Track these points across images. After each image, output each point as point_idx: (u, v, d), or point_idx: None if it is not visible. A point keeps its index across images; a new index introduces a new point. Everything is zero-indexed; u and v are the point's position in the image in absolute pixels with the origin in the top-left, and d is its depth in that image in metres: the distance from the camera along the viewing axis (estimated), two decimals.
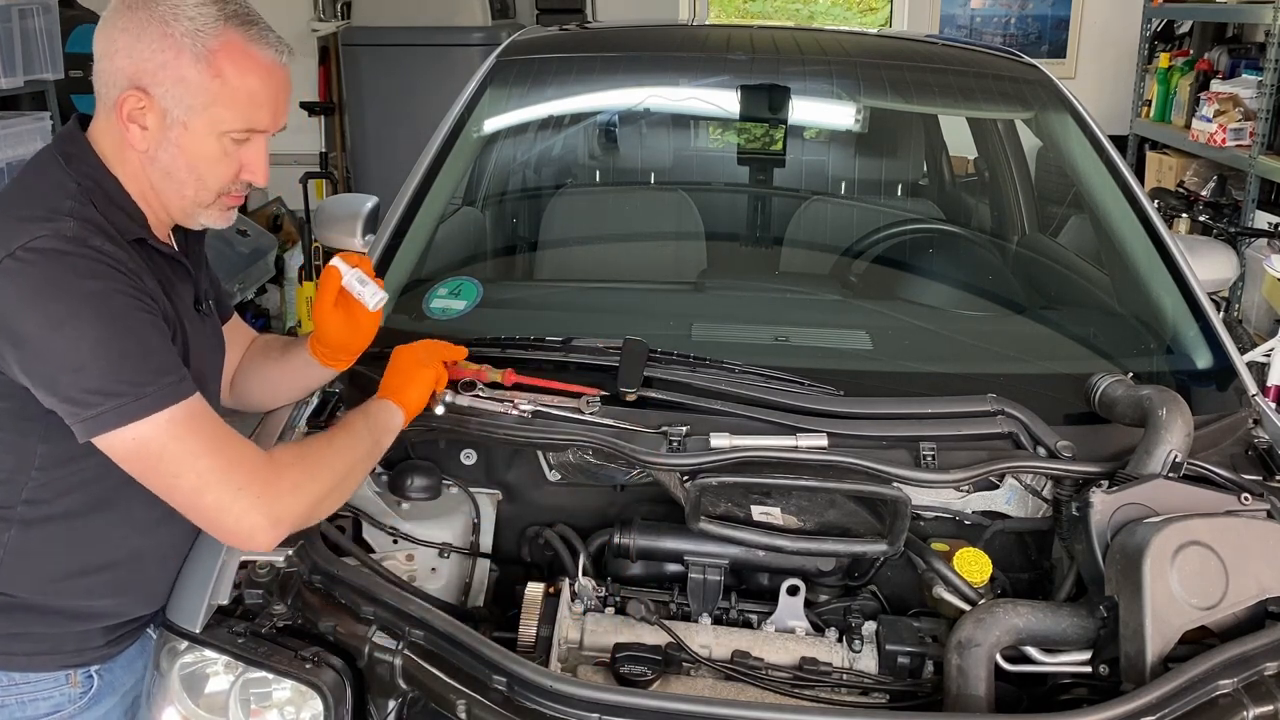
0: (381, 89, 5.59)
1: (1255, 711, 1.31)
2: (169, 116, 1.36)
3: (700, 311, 2.28)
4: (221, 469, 1.30)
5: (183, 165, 1.39)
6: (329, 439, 1.45)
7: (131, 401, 1.25)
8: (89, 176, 1.37)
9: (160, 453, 1.28)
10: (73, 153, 1.39)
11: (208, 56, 1.34)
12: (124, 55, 1.35)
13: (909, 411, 1.71)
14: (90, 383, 1.24)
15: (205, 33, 1.34)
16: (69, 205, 1.31)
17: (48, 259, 1.25)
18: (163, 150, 1.38)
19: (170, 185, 1.41)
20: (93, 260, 1.27)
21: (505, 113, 2.71)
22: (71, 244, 1.27)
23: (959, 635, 1.46)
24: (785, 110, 2.79)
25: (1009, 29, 6.54)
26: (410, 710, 1.41)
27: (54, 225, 1.27)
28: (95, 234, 1.30)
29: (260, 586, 1.45)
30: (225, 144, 1.39)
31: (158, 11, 1.34)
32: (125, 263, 1.31)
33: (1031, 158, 3.03)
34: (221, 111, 1.37)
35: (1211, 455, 1.66)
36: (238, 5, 1.40)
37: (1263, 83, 4.64)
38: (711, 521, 1.59)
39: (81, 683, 1.47)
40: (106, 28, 1.38)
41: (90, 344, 1.24)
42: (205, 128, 1.37)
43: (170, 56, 1.34)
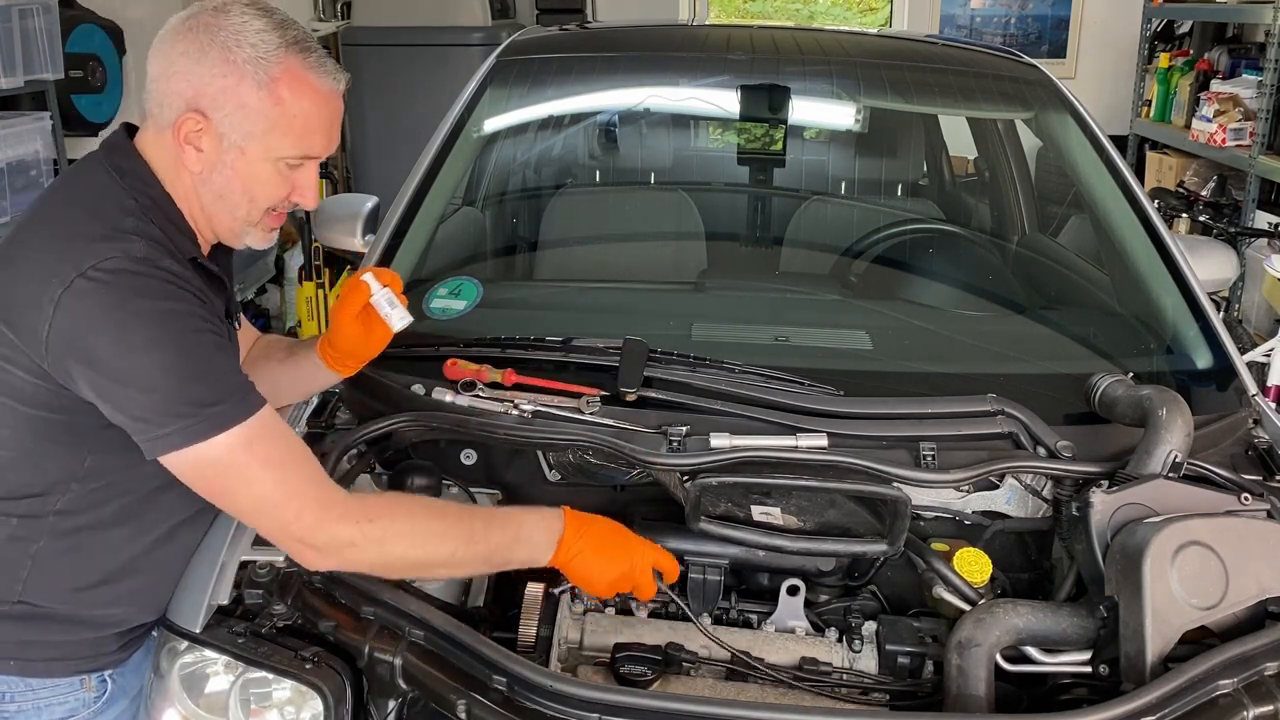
0: (381, 89, 5.59)
1: (1255, 711, 1.31)
2: (226, 140, 1.37)
3: (700, 311, 2.28)
4: (281, 494, 1.31)
5: (237, 188, 1.40)
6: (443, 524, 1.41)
7: (199, 422, 1.27)
8: (145, 194, 1.37)
9: (223, 474, 1.30)
10: (126, 168, 1.39)
11: (269, 84, 1.36)
12: (183, 78, 1.36)
13: (909, 411, 1.71)
14: (160, 404, 1.26)
15: (267, 60, 1.35)
16: (132, 224, 1.32)
17: (120, 279, 1.26)
18: (217, 173, 1.39)
19: (222, 206, 1.42)
20: (163, 281, 1.29)
21: (505, 113, 2.71)
22: (142, 265, 1.28)
23: (959, 635, 1.46)
24: (785, 110, 2.79)
25: (1009, 29, 6.54)
26: (410, 710, 1.41)
27: (123, 246, 1.28)
28: (163, 254, 1.31)
29: (260, 586, 1.45)
30: (280, 168, 1.41)
31: (219, 37, 1.35)
32: (192, 282, 1.33)
33: (1031, 158, 3.03)
34: (279, 138, 1.38)
35: (1211, 455, 1.66)
36: (297, 32, 1.41)
37: (1263, 83, 4.64)
38: (711, 521, 1.59)
39: (96, 687, 1.48)
40: (165, 48, 1.38)
41: (162, 366, 1.26)
42: (261, 153, 1.39)
43: (232, 82, 1.35)
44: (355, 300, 1.61)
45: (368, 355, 1.68)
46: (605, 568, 1.47)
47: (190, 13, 1.38)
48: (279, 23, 1.39)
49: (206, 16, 1.36)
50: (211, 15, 1.36)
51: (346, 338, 1.63)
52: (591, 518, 1.50)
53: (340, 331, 1.63)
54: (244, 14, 1.37)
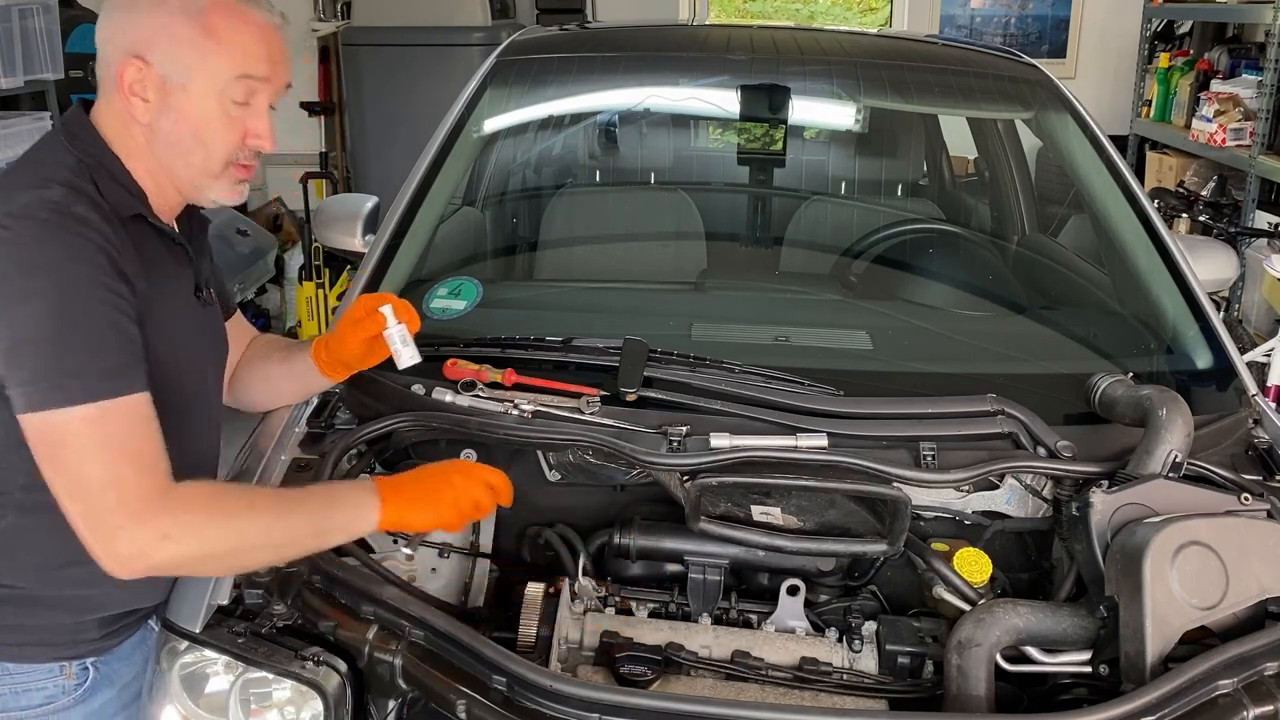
0: (381, 89, 5.59)
1: (1255, 711, 1.31)
2: (168, 81, 1.38)
3: (700, 311, 2.28)
4: (106, 483, 1.24)
5: (187, 132, 1.40)
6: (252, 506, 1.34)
7: (50, 389, 1.24)
8: (90, 154, 1.38)
9: (60, 446, 1.25)
10: (76, 133, 1.41)
11: (199, 15, 1.37)
12: (118, 28, 1.40)
13: (909, 411, 1.71)
14: (23, 361, 1.25)
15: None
16: (63, 175, 1.33)
17: (24, 226, 1.26)
18: (164, 118, 1.39)
19: (177, 155, 1.42)
20: (70, 232, 1.27)
21: (505, 113, 2.71)
22: (52, 210, 1.27)
23: (959, 635, 1.46)
24: (785, 110, 2.79)
25: (1009, 29, 6.54)
26: (410, 710, 1.41)
27: (41, 192, 1.29)
28: (80, 202, 1.30)
29: (260, 586, 1.45)
30: (227, 105, 1.40)
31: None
32: (108, 237, 1.30)
33: (1031, 158, 3.03)
34: (217, 63, 1.38)
35: (1211, 455, 1.66)
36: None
37: (1263, 83, 4.64)
38: (711, 521, 1.59)
39: (76, 675, 1.47)
40: (105, 13, 1.43)
41: (35, 320, 1.24)
42: (204, 86, 1.39)
43: (162, 20, 1.37)
44: (369, 326, 1.60)
45: (362, 367, 1.68)
46: (435, 501, 1.44)
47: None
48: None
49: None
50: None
51: (348, 352, 1.64)
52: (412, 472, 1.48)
53: (343, 345, 1.64)
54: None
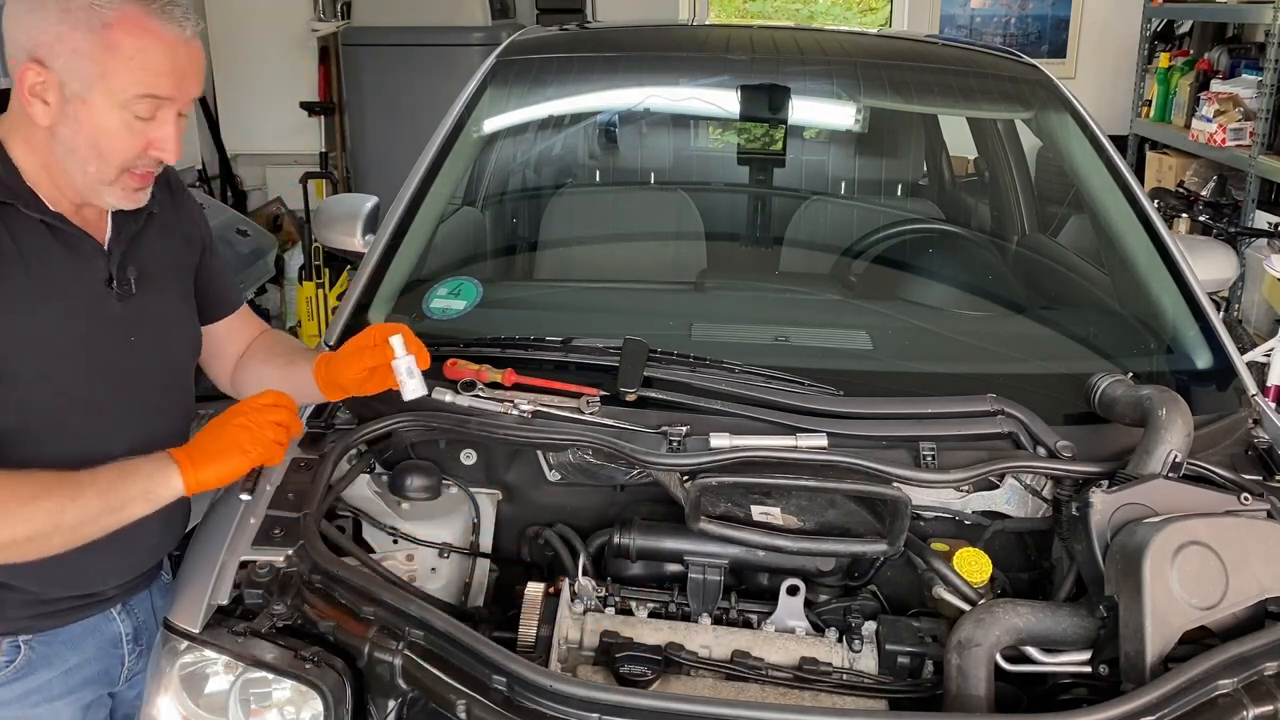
0: (381, 89, 5.59)
1: (1255, 711, 1.31)
2: (67, 89, 1.35)
3: (700, 311, 2.28)
4: None
5: (83, 141, 1.38)
6: (37, 490, 1.31)
7: None
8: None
9: None
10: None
11: (102, 29, 1.34)
12: (21, 29, 1.35)
13: (909, 411, 1.71)
14: None
15: (102, 6, 1.34)
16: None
17: None
18: (64, 126, 1.37)
19: (73, 161, 1.39)
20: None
21: (505, 113, 2.71)
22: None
23: (959, 635, 1.46)
24: (785, 110, 2.79)
25: (1009, 29, 6.54)
26: (410, 710, 1.41)
27: None
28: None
29: (260, 586, 1.45)
30: (128, 119, 1.38)
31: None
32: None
33: (1031, 158, 3.03)
34: (118, 80, 1.35)
35: (1211, 455, 1.66)
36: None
37: (1263, 83, 4.64)
38: (711, 521, 1.59)
39: (7, 651, 1.46)
40: (10, 6, 1.37)
41: None
42: (104, 100, 1.36)
43: (66, 29, 1.33)
44: (375, 355, 1.56)
45: (358, 394, 1.64)
46: (230, 448, 1.40)
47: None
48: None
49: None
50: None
51: (346, 377, 1.59)
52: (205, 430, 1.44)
53: (343, 370, 1.58)
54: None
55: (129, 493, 1.36)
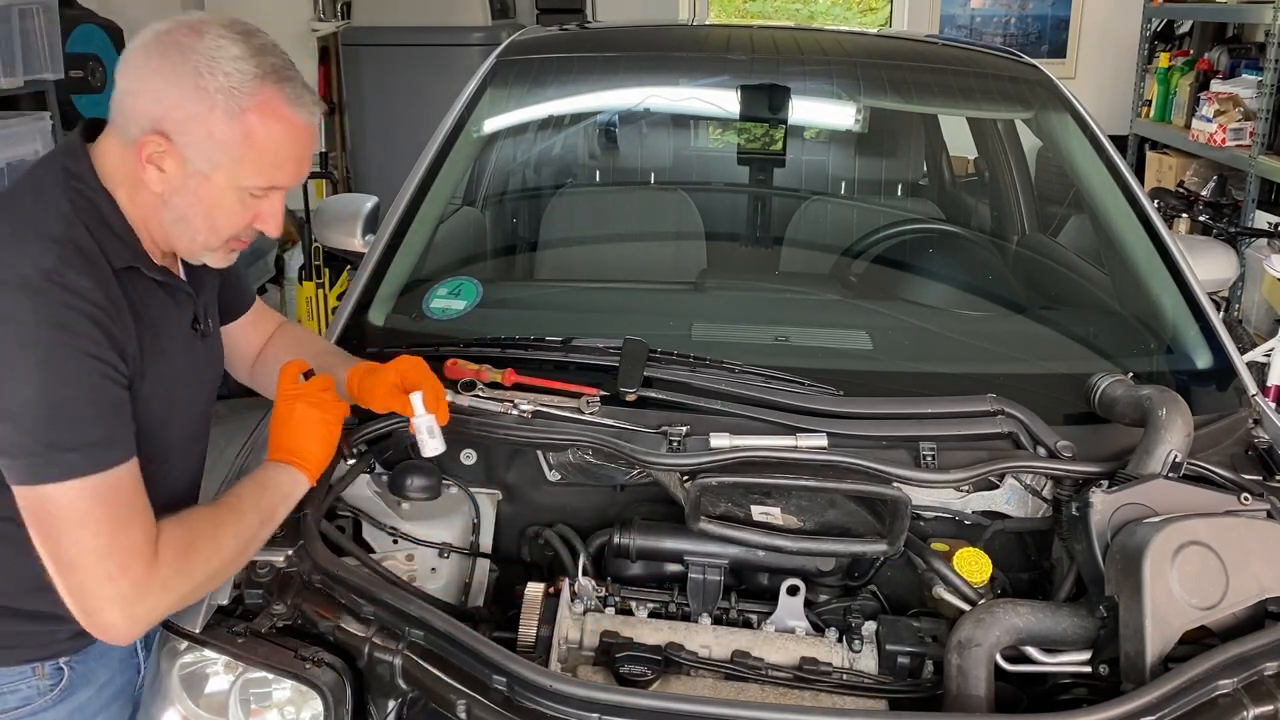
0: (381, 89, 5.59)
1: (1255, 711, 1.31)
2: (190, 165, 1.33)
3: (700, 311, 2.28)
4: (102, 552, 1.24)
5: (199, 213, 1.37)
6: (216, 524, 1.35)
7: (43, 464, 1.23)
8: (84, 196, 1.33)
9: (54, 518, 1.24)
10: (72, 169, 1.35)
11: (240, 115, 1.31)
12: (151, 98, 1.31)
13: (909, 411, 1.71)
14: (14, 434, 1.23)
15: (240, 90, 1.31)
16: (58, 228, 1.28)
17: (17, 294, 1.22)
18: (179, 196, 1.35)
19: (182, 229, 1.39)
20: (61, 304, 1.24)
21: (505, 113, 2.71)
22: (46, 279, 1.23)
23: (959, 635, 1.46)
24: (785, 110, 2.79)
25: (1009, 29, 6.55)
26: (410, 710, 1.41)
27: (34, 254, 1.25)
28: (74, 267, 1.26)
29: (260, 586, 1.45)
30: (244, 196, 1.37)
31: (192, 60, 1.30)
32: (98, 302, 1.27)
33: (1031, 158, 3.03)
34: (246, 169, 1.35)
35: (1211, 455, 1.66)
36: (275, 59, 1.36)
37: (1263, 83, 4.65)
38: (711, 521, 1.59)
39: (50, 675, 1.47)
40: (136, 63, 1.32)
41: (22, 398, 1.22)
42: (226, 181, 1.35)
43: (202, 110, 1.30)
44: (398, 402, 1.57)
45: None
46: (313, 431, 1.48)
47: (165, 27, 1.32)
48: (257, 48, 1.34)
49: (181, 34, 1.31)
50: (186, 34, 1.31)
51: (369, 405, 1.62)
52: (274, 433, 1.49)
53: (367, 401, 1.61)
54: (220, 37, 1.31)
55: (273, 501, 1.43)
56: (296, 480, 1.46)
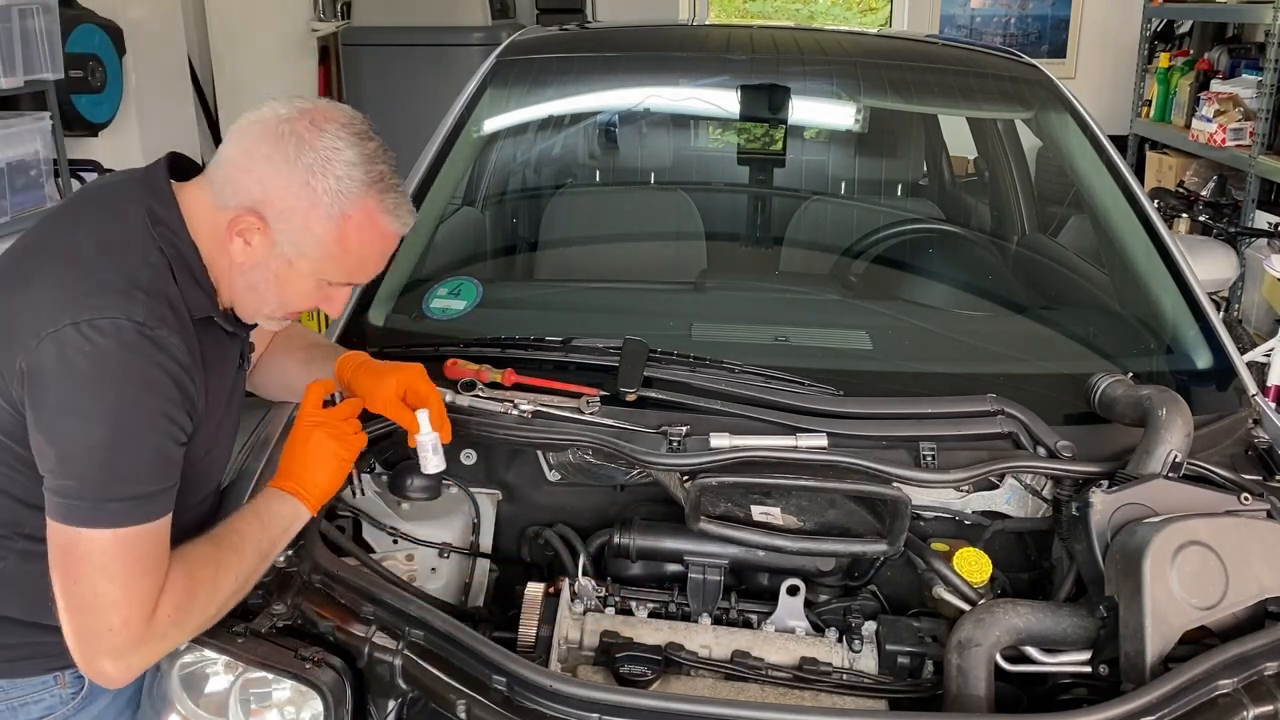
0: (381, 89, 5.59)
1: (1255, 711, 1.31)
2: (278, 248, 1.35)
3: (700, 311, 2.28)
4: (112, 602, 1.25)
5: (273, 290, 1.39)
6: (216, 566, 1.35)
7: (88, 510, 1.24)
8: (173, 244, 1.34)
9: (79, 560, 1.26)
10: (160, 215, 1.35)
11: (340, 220, 1.34)
12: (256, 179, 1.33)
13: (909, 411, 1.71)
14: (67, 474, 1.24)
15: (345, 195, 1.34)
16: (148, 278, 1.30)
17: (104, 345, 1.24)
18: (258, 272, 1.37)
19: (252, 298, 1.41)
20: (149, 360, 1.26)
21: (505, 113, 2.71)
22: (138, 332, 1.25)
23: (959, 635, 1.46)
24: (785, 110, 2.79)
25: (1009, 29, 6.55)
26: (410, 710, 1.41)
27: (126, 305, 1.26)
28: (165, 322, 1.28)
29: (260, 586, 1.45)
30: (321, 284, 1.41)
31: (306, 157, 1.32)
32: (182, 360, 1.30)
33: (1031, 158, 3.03)
34: (332, 267, 1.38)
35: (1211, 455, 1.66)
36: (384, 166, 1.38)
37: (1263, 83, 4.65)
38: (711, 521, 1.59)
39: (71, 683, 1.47)
40: (251, 139, 1.34)
41: (89, 443, 1.24)
42: (309, 270, 1.38)
43: (305, 205, 1.33)
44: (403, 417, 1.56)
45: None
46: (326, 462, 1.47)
47: (287, 113, 1.34)
48: (368, 155, 1.36)
49: (302, 126, 1.33)
50: (307, 127, 1.33)
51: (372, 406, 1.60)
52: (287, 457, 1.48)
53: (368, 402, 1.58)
54: (338, 137, 1.34)
55: (274, 536, 1.42)
56: (298, 512, 1.45)
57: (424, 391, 1.58)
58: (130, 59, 5.01)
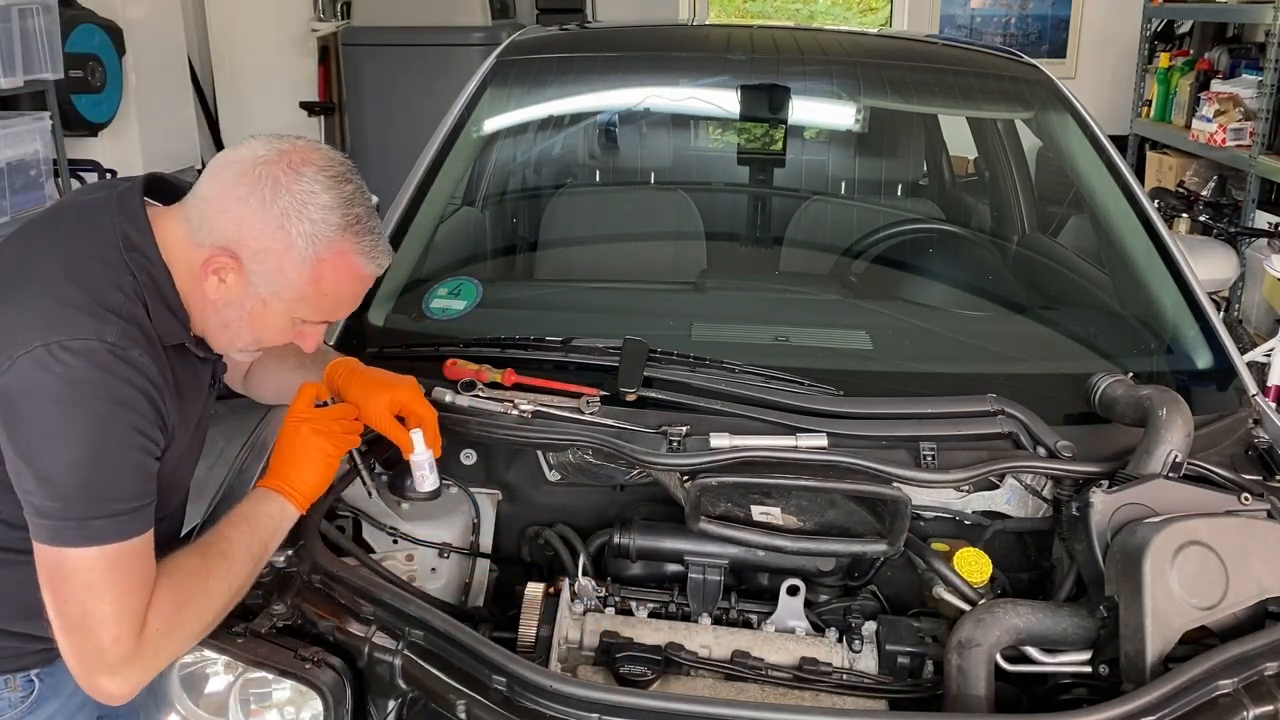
0: (381, 89, 5.59)
1: (1255, 711, 1.31)
2: (251, 288, 1.36)
3: (700, 311, 2.28)
4: (103, 619, 1.25)
5: (245, 327, 1.40)
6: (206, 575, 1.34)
7: (72, 530, 1.24)
8: (146, 271, 1.34)
9: (67, 580, 1.26)
10: (135, 241, 1.35)
11: (314, 262, 1.34)
12: (232, 221, 1.33)
13: (909, 411, 1.71)
14: (48, 495, 1.24)
15: (319, 239, 1.34)
16: (119, 301, 1.30)
17: (76, 365, 1.24)
18: (232, 309, 1.38)
19: (223, 333, 1.42)
20: (120, 378, 1.26)
21: (505, 113, 2.71)
22: (108, 352, 1.25)
23: (959, 635, 1.46)
24: (785, 110, 2.79)
25: (1009, 29, 6.55)
26: (410, 710, 1.41)
27: (98, 326, 1.26)
28: (137, 343, 1.29)
29: (260, 586, 1.45)
30: (295, 322, 1.42)
31: (282, 200, 1.32)
32: (154, 380, 1.30)
33: (1031, 158, 3.03)
34: (306, 308, 1.39)
35: (1211, 455, 1.66)
36: (360, 209, 1.38)
37: (1263, 83, 4.65)
38: (711, 521, 1.59)
39: (21, 686, 1.48)
40: (228, 180, 1.34)
41: (67, 463, 1.24)
42: (282, 309, 1.38)
43: (279, 247, 1.33)
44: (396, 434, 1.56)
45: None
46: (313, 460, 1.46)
47: (265, 154, 1.34)
48: (345, 199, 1.36)
49: (279, 169, 1.33)
50: (284, 170, 1.33)
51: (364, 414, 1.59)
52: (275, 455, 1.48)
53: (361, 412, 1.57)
54: (315, 180, 1.34)
55: (264, 537, 1.41)
56: (285, 511, 1.44)
57: (420, 412, 1.57)
58: (130, 59, 5.02)
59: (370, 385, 1.57)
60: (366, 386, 1.57)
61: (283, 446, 1.48)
